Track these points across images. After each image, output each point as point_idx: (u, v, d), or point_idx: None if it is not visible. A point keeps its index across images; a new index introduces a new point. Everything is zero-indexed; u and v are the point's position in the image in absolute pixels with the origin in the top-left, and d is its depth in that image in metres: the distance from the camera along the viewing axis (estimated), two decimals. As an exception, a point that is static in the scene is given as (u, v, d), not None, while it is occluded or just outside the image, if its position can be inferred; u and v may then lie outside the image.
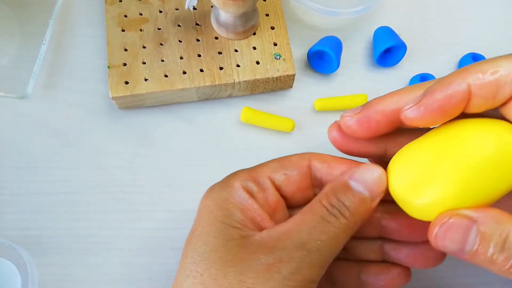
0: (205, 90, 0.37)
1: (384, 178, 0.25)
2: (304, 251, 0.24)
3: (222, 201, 0.27)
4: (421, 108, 0.23)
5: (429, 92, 0.23)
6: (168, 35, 0.38)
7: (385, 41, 0.39)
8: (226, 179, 0.29)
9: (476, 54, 0.39)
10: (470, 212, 0.22)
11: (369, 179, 0.25)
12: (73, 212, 0.35)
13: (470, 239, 0.22)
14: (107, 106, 0.38)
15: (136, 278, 0.34)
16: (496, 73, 0.23)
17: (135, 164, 0.37)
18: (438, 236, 0.23)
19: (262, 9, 0.38)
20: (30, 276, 0.32)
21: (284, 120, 0.37)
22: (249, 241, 0.25)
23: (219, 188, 0.28)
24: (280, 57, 0.37)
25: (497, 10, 0.43)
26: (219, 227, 0.26)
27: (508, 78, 0.23)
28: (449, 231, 0.23)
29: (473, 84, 0.23)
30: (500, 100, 0.23)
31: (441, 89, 0.23)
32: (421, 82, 0.26)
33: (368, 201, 0.25)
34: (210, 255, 0.25)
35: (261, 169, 0.28)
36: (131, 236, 0.35)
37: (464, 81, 0.23)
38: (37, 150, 0.37)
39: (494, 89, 0.23)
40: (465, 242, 0.22)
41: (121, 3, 0.38)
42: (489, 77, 0.23)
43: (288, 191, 0.28)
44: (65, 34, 0.40)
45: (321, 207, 0.25)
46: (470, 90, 0.23)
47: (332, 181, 0.26)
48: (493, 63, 0.23)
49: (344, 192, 0.25)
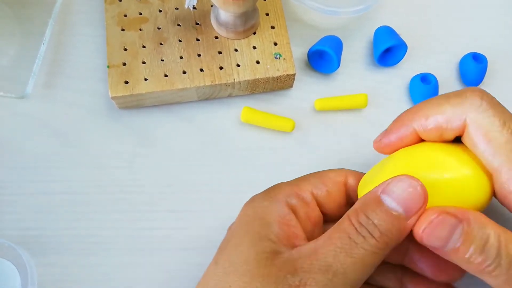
0: (205, 89, 0.37)
1: (422, 192, 0.23)
2: (329, 275, 0.23)
3: (262, 212, 0.26)
4: (381, 145, 0.29)
5: (386, 133, 0.28)
6: (168, 35, 0.37)
7: (386, 41, 0.38)
8: (268, 190, 0.28)
9: (476, 54, 0.39)
10: (458, 212, 0.23)
11: (404, 193, 0.23)
12: (73, 212, 0.35)
13: (454, 237, 0.23)
14: (106, 106, 0.38)
15: (136, 278, 0.34)
16: (435, 121, 0.26)
17: (135, 164, 0.37)
18: (426, 232, 0.23)
19: (262, 8, 0.38)
20: (30, 276, 0.32)
21: (284, 120, 0.37)
22: (279, 258, 0.24)
23: (261, 199, 0.28)
24: (280, 57, 0.37)
25: (497, 10, 0.43)
26: (254, 237, 0.25)
27: (448, 125, 0.25)
28: (437, 228, 0.23)
29: (418, 129, 0.27)
30: (447, 138, 0.26)
31: (394, 132, 0.28)
32: (428, 99, 0.28)
33: (402, 219, 0.23)
34: (241, 266, 0.24)
35: (304, 184, 0.28)
36: (131, 236, 0.35)
37: (410, 126, 0.27)
38: (37, 150, 0.37)
39: (437, 132, 0.26)
40: (449, 239, 0.23)
41: (121, 3, 0.38)
42: (431, 124, 0.26)
43: (329, 208, 0.28)
44: (65, 33, 0.40)
45: (349, 225, 0.24)
46: (416, 132, 0.27)
47: (364, 195, 0.25)
48: (438, 108, 0.26)
49: (374, 209, 0.23)
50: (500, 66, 0.40)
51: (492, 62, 0.40)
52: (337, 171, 0.29)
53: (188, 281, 0.34)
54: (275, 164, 0.37)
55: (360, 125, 0.38)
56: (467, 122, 0.25)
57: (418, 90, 0.38)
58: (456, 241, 0.23)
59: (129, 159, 0.37)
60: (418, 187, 0.23)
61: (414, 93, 0.39)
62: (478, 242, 0.22)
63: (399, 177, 0.23)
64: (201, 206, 0.36)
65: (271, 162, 0.37)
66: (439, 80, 0.39)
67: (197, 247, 0.35)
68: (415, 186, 0.23)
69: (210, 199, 0.36)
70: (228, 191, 0.36)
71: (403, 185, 0.23)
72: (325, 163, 0.37)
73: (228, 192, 0.36)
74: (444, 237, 0.23)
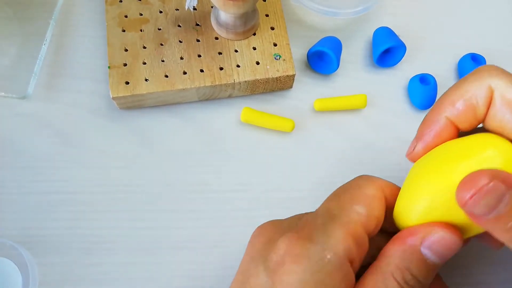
0: (205, 90, 0.37)
1: (460, 243, 0.23)
2: None
3: (320, 275, 0.23)
4: (417, 152, 0.26)
5: (418, 138, 0.26)
6: (169, 36, 0.38)
7: (385, 42, 0.39)
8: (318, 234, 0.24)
9: (475, 55, 0.39)
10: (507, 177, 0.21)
11: (445, 249, 0.23)
12: (73, 212, 0.35)
13: (500, 205, 0.21)
14: (107, 106, 0.38)
15: (136, 278, 0.34)
16: (463, 101, 0.25)
17: (135, 164, 0.37)
18: (474, 200, 0.21)
19: (262, 9, 0.38)
20: (31, 276, 0.32)
21: (284, 120, 0.37)
22: None
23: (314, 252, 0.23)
24: (280, 58, 0.37)
25: (495, 11, 0.43)
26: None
27: (477, 100, 0.25)
28: (486, 196, 0.21)
29: (451, 117, 0.25)
30: (480, 117, 0.25)
31: (427, 132, 0.26)
32: (437, 102, 0.27)
33: (439, 267, 0.24)
34: None
35: (353, 220, 0.24)
36: (131, 236, 0.35)
37: (442, 116, 0.25)
38: (37, 150, 0.37)
39: (471, 112, 0.25)
40: (496, 208, 0.21)
41: (122, 4, 0.39)
42: (460, 106, 0.25)
43: (372, 232, 0.26)
44: (66, 34, 0.40)
45: (395, 284, 0.23)
46: (450, 121, 0.25)
47: (403, 246, 0.24)
48: (460, 90, 0.25)
49: (418, 265, 0.23)
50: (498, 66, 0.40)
51: (490, 63, 0.40)
52: (372, 186, 0.26)
53: (188, 281, 0.34)
54: (275, 164, 0.37)
55: (360, 125, 0.39)
56: (492, 88, 0.24)
57: (417, 91, 0.38)
58: (501, 210, 0.21)
59: (130, 159, 0.37)
60: (458, 241, 0.23)
61: (413, 93, 0.39)
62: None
63: (439, 230, 0.23)
64: (201, 206, 0.36)
65: (271, 162, 0.37)
66: (438, 80, 0.39)
67: (197, 247, 0.35)
68: (455, 241, 0.23)
69: (210, 199, 0.36)
70: (228, 191, 0.36)
71: (444, 240, 0.23)
72: (325, 163, 0.38)
73: (228, 192, 0.36)
74: (492, 206, 0.21)
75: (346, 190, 0.26)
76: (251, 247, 0.26)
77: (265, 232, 0.26)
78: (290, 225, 0.26)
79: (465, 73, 0.39)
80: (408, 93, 0.40)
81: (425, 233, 0.24)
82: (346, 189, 0.26)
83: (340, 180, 0.37)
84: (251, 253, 0.25)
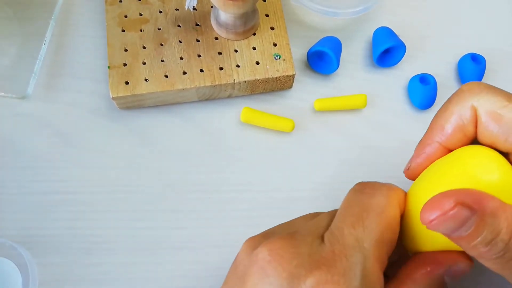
0: (205, 90, 0.37)
1: (472, 268, 0.25)
2: None
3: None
4: (412, 170, 0.28)
5: (413, 158, 0.27)
6: (168, 36, 0.38)
7: (385, 42, 0.39)
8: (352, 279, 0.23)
9: (475, 55, 0.39)
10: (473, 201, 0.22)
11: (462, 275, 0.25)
12: (73, 212, 0.35)
13: (463, 228, 0.22)
14: (107, 106, 0.38)
15: (136, 278, 0.34)
16: (450, 124, 0.26)
17: (135, 164, 0.37)
18: (437, 221, 0.22)
19: (262, 9, 0.38)
20: (31, 276, 0.32)
21: (284, 120, 0.37)
22: None
23: None
24: (280, 58, 0.37)
25: (495, 11, 0.43)
26: None
27: (463, 120, 0.25)
28: (449, 220, 0.22)
29: (441, 141, 0.26)
30: (470, 135, 0.26)
31: (420, 155, 0.27)
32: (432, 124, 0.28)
33: None
34: None
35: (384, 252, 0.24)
36: (131, 236, 0.35)
37: (434, 141, 0.26)
38: (37, 150, 0.37)
39: (460, 134, 0.26)
40: (458, 230, 0.22)
41: (121, 4, 0.39)
42: (449, 129, 0.26)
43: None
44: (66, 34, 0.40)
45: None
46: (442, 145, 0.26)
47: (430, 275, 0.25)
48: (445, 113, 0.26)
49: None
50: (498, 66, 0.40)
51: (490, 63, 0.40)
52: (391, 207, 0.25)
53: (188, 281, 0.34)
54: (275, 164, 0.37)
55: (360, 125, 0.39)
56: (475, 107, 0.25)
57: (417, 91, 0.38)
58: (465, 231, 0.22)
59: (130, 159, 0.37)
60: (472, 266, 0.25)
61: (413, 93, 0.39)
62: (487, 236, 0.22)
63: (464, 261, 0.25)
64: (201, 206, 0.36)
65: (271, 162, 0.37)
66: (438, 80, 0.39)
67: (197, 247, 0.35)
68: (471, 267, 0.25)
69: (210, 199, 0.36)
70: (228, 191, 0.36)
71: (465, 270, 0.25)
72: (325, 163, 0.37)
73: (228, 192, 0.36)
74: (454, 228, 0.22)
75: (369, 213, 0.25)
76: None
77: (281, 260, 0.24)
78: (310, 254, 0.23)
79: (465, 73, 0.39)
80: (408, 93, 0.40)
81: (451, 263, 0.25)
82: (367, 211, 0.25)
83: (340, 179, 0.37)
84: None
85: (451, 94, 0.27)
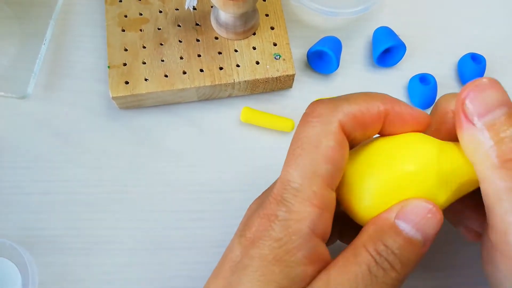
0: (205, 90, 0.37)
1: (440, 218, 0.22)
2: None
3: (279, 251, 0.22)
4: None
5: None
6: (168, 35, 0.38)
7: (385, 41, 0.39)
8: (281, 211, 0.23)
9: (475, 54, 0.39)
10: None
11: (421, 219, 0.21)
12: (73, 212, 0.35)
13: (496, 112, 0.21)
14: (107, 106, 0.38)
15: (136, 278, 0.34)
16: None
17: (135, 164, 0.37)
18: (473, 93, 0.21)
19: (262, 9, 0.38)
20: (31, 276, 0.32)
21: (284, 120, 0.37)
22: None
23: (277, 229, 0.22)
24: (280, 57, 0.37)
25: (497, 10, 0.43)
26: None
27: None
28: (485, 93, 0.21)
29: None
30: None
31: None
32: None
33: (421, 247, 0.22)
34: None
35: (317, 190, 0.22)
36: (131, 236, 0.35)
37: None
38: (37, 150, 0.37)
39: None
40: (492, 111, 0.21)
41: (121, 3, 0.39)
42: None
43: (337, 183, 0.24)
44: (66, 34, 0.40)
45: (367, 255, 0.21)
46: None
47: (377, 220, 0.22)
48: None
49: (392, 236, 0.21)
50: (498, 66, 0.40)
51: (490, 63, 0.40)
52: (330, 136, 0.23)
53: (188, 281, 0.34)
54: (275, 164, 0.37)
55: (359, 125, 0.39)
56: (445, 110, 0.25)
57: (417, 91, 0.38)
58: (498, 119, 0.21)
59: (129, 159, 0.37)
60: (437, 214, 0.22)
61: (413, 93, 0.39)
62: None
63: (415, 202, 0.22)
64: (201, 206, 0.36)
65: (271, 162, 0.37)
66: (438, 80, 0.39)
67: (197, 247, 0.35)
68: (434, 212, 0.22)
69: (210, 199, 0.36)
70: (228, 191, 0.36)
71: (420, 211, 0.22)
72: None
73: (228, 192, 0.36)
74: (490, 106, 0.21)
75: (304, 150, 0.23)
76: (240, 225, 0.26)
77: (248, 210, 0.27)
78: (263, 201, 0.24)
79: (465, 73, 0.39)
80: (408, 93, 0.40)
81: (399, 208, 0.22)
82: (303, 148, 0.23)
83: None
84: (237, 231, 0.25)
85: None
